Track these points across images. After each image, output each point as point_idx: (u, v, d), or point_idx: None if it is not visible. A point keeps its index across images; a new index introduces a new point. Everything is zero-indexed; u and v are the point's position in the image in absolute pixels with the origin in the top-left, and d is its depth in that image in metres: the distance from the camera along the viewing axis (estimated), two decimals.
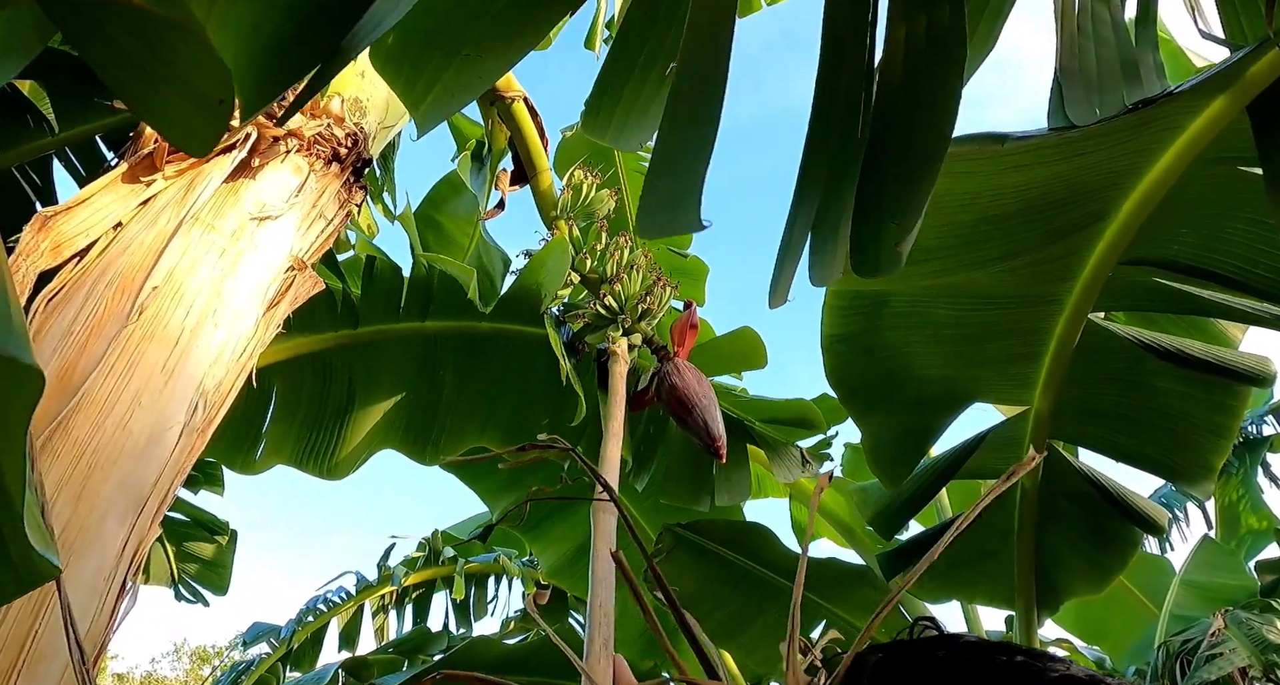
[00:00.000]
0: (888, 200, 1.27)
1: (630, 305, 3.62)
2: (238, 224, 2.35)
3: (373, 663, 6.35)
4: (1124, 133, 2.00)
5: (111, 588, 1.81)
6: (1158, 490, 6.93)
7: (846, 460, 5.50)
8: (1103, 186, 2.27)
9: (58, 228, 2.13)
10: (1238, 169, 2.25)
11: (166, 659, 24.73)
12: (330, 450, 3.70)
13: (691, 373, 3.54)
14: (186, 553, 5.86)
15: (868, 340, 2.99)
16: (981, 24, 1.54)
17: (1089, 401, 3.14)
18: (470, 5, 1.28)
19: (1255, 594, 5.49)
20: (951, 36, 1.25)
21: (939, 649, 0.64)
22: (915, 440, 3.29)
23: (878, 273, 1.31)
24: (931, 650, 0.64)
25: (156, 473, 1.94)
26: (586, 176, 3.96)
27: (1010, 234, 2.41)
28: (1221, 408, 3.06)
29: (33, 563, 1.05)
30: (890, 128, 1.29)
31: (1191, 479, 3.25)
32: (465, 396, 3.82)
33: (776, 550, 4.29)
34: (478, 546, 7.40)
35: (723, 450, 3.40)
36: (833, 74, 1.30)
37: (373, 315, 3.56)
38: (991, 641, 0.63)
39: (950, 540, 0.90)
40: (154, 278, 2.10)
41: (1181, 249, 2.57)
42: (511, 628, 7.89)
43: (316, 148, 2.61)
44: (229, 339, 2.22)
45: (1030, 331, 2.87)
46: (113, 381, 1.92)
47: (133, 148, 2.40)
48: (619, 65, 1.58)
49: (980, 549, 3.59)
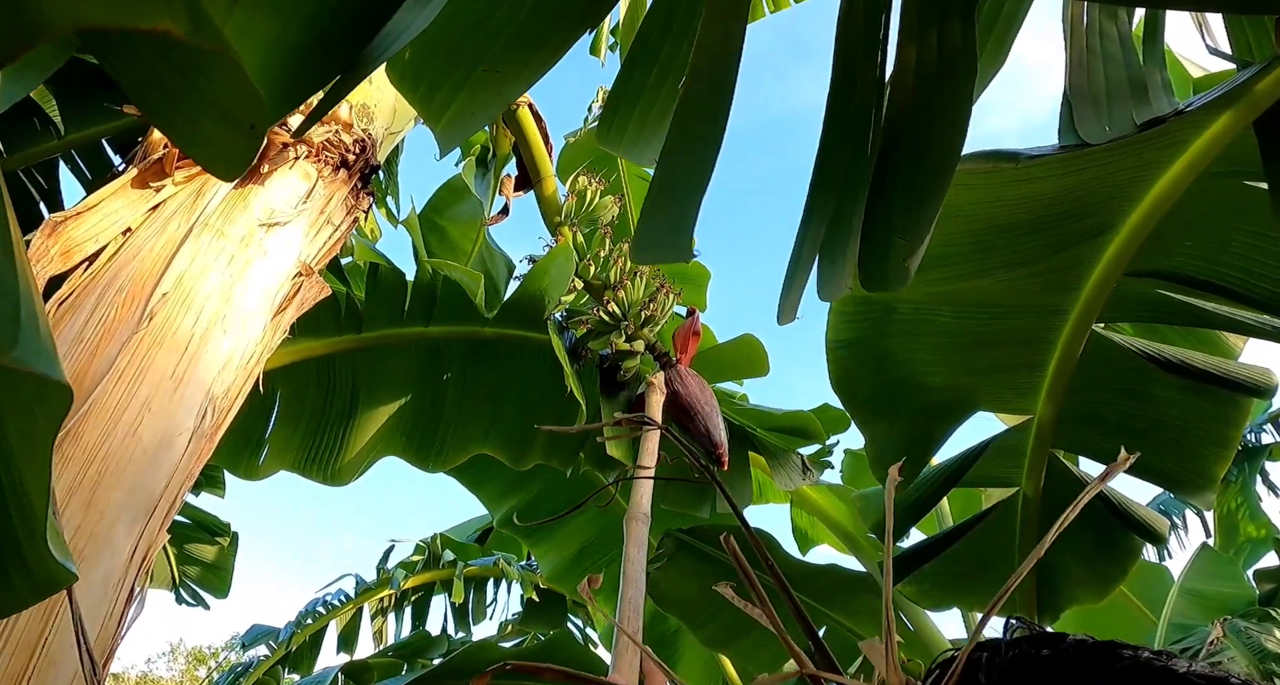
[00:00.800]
0: (897, 217, 1.28)
1: (633, 312, 3.64)
2: (247, 230, 2.36)
3: (373, 666, 6.35)
4: (1130, 147, 2.01)
5: (120, 594, 1.82)
6: (1156, 497, 6.95)
7: (847, 467, 5.51)
8: (1108, 199, 2.28)
9: (68, 233, 2.14)
10: (1242, 183, 2.26)
11: (162, 659, 24.73)
12: (333, 456, 3.70)
13: (694, 380, 3.55)
14: (187, 555, 5.86)
15: (872, 347, 3.00)
16: (991, 41, 1.55)
17: (1091, 411, 3.15)
18: (486, 26, 1.29)
19: (1253, 602, 5.50)
20: (962, 55, 1.26)
21: (1068, 647, 0.64)
22: (918, 448, 3.29)
23: (885, 288, 1.32)
24: (1063, 648, 0.65)
25: (166, 479, 1.95)
26: (590, 183, 3.97)
27: (1016, 244, 2.42)
28: (1223, 419, 3.07)
29: (50, 570, 1.06)
30: (900, 145, 1.30)
31: (1193, 489, 3.26)
32: (468, 402, 3.82)
33: (777, 556, 4.31)
34: (476, 550, 7.40)
35: (725, 457, 3.42)
36: (844, 91, 1.31)
37: (377, 320, 3.57)
38: (1111, 641, 0.63)
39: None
40: (164, 284, 2.11)
41: (1185, 261, 2.58)
42: (509, 631, 7.89)
43: (325, 154, 2.62)
44: (237, 345, 2.23)
45: (1034, 341, 2.88)
46: (123, 388, 1.93)
47: (142, 153, 2.41)
48: (633, 79, 1.59)
49: (982, 558, 3.60)
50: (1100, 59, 1.61)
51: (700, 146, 1.22)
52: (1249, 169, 2.23)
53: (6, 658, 1.63)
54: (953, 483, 3.41)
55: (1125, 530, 3.42)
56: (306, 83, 1.17)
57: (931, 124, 1.28)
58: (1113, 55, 1.63)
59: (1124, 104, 1.62)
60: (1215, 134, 2.04)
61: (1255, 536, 7.14)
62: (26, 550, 1.05)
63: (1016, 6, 1.50)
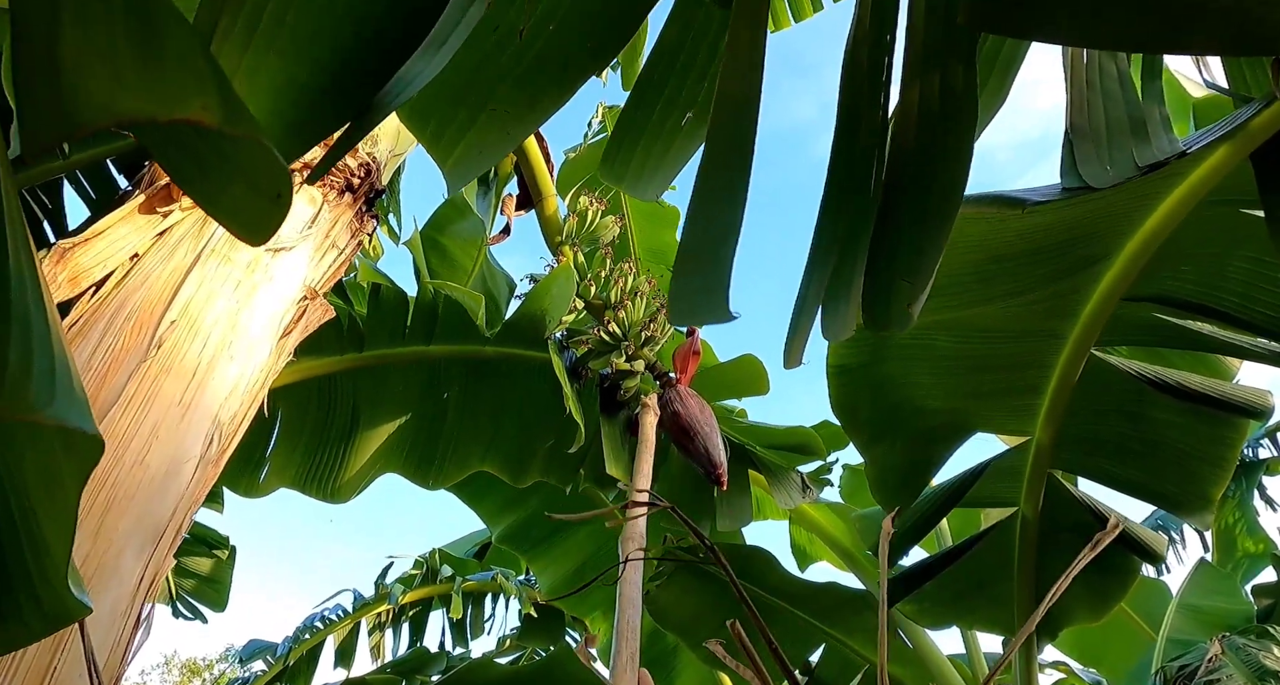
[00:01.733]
0: (900, 259, 1.30)
1: (634, 332, 3.66)
2: (253, 255, 2.38)
3: (371, 683, 6.33)
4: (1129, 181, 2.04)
5: (128, 622, 1.83)
6: (1154, 513, 6.95)
7: (845, 483, 5.53)
8: (1107, 229, 2.30)
9: (75, 259, 2.16)
10: (1240, 211, 2.29)
11: (156, 670, 24.58)
12: (334, 474, 3.71)
13: (694, 400, 3.57)
14: (185, 569, 5.86)
15: (872, 371, 3.02)
16: (992, 79, 1.58)
17: (1090, 433, 3.17)
18: (492, 67, 1.31)
19: (1251, 618, 5.51)
20: (964, 97, 1.28)
21: None
22: (918, 469, 3.31)
23: (888, 329, 1.34)
24: None
25: (173, 506, 1.96)
26: (591, 203, 3.99)
27: (1015, 273, 2.45)
28: (1220, 440, 3.09)
29: (64, 603, 1.07)
30: (903, 187, 1.32)
31: (1191, 510, 3.28)
32: (468, 420, 3.84)
33: (776, 573, 4.32)
34: (475, 565, 7.40)
35: (724, 477, 3.43)
36: (848, 134, 1.33)
37: (378, 339, 3.58)
38: None
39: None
40: (172, 310, 2.12)
41: (1182, 285, 2.61)
42: (507, 646, 7.88)
43: (330, 179, 2.64)
44: (244, 371, 2.24)
45: (1033, 365, 2.91)
46: (131, 415, 1.94)
47: (149, 178, 2.43)
48: (637, 114, 1.61)
49: (981, 577, 3.61)
50: (1100, 96, 1.63)
51: (728, 198, 1.24)
52: (1246, 198, 2.25)
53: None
54: (952, 503, 3.43)
55: (1124, 551, 3.43)
56: (318, 126, 1.19)
57: (934, 166, 1.30)
58: (1112, 92, 1.65)
59: (1124, 143, 1.64)
60: (1212, 166, 2.07)
61: (1253, 551, 7.15)
62: (39, 586, 1.06)
63: (1015, 49, 1.52)
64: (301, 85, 1.13)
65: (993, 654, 6.15)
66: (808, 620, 4.32)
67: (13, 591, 1.08)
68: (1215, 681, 4.71)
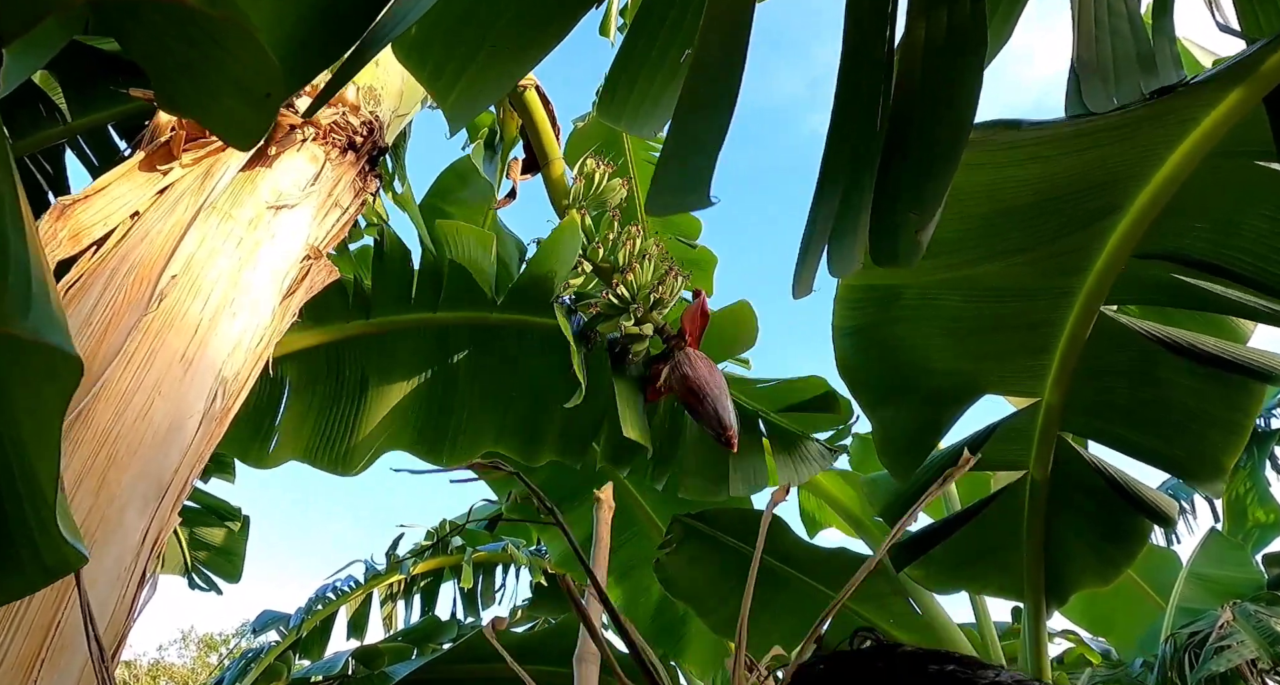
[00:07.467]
0: (908, 190, 1.27)
1: (642, 295, 3.63)
2: (255, 213, 2.36)
3: (383, 651, 6.39)
4: (1139, 125, 1.99)
5: (132, 578, 1.83)
6: (1165, 482, 6.92)
7: (854, 451, 5.51)
8: (1117, 179, 2.26)
9: (76, 216, 2.14)
10: (1254, 163, 2.24)
11: (174, 646, 24.87)
12: (343, 445, 3.70)
13: (703, 362, 3.55)
14: (199, 540, 5.90)
15: (878, 333, 2.99)
16: (998, 13, 1.54)
17: (1100, 395, 3.14)
18: (489, 3, 1.28)
19: (1262, 587, 5.51)
20: (972, 31, 1.25)
21: (879, 659, 0.68)
22: (926, 433, 3.29)
23: (897, 263, 1.31)
24: (871, 660, 0.69)
25: (176, 462, 1.95)
26: (599, 165, 3.95)
27: (1024, 226, 2.40)
28: (1235, 405, 3.04)
29: (61, 552, 1.06)
30: (910, 119, 1.29)
31: (1203, 477, 3.25)
32: (479, 391, 3.81)
33: (787, 539, 4.31)
34: (485, 536, 7.43)
35: (734, 439, 3.41)
36: (853, 67, 1.30)
37: (384, 305, 3.56)
38: (927, 650, 0.66)
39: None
40: (172, 266, 2.11)
41: (1195, 243, 2.56)
42: (519, 616, 7.93)
43: (332, 136, 2.61)
44: (247, 328, 2.23)
45: (1042, 323, 2.87)
46: (133, 370, 1.93)
47: (149, 136, 2.41)
48: (635, 50, 1.58)
49: (989, 541, 3.60)
50: (1108, 33, 1.59)
51: (715, 107, 1.22)
52: (1261, 148, 2.21)
53: (20, 641, 1.63)
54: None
55: (1134, 513, 3.41)
56: (313, 60, 1.17)
57: (942, 98, 1.27)
58: (1120, 29, 1.61)
59: (1132, 77, 1.60)
60: (1225, 112, 2.02)
61: (1264, 521, 7.12)
62: (35, 532, 1.05)
63: None
64: (295, 19, 1.10)
65: (1002, 623, 6.15)
66: (816, 588, 4.31)
67: (11, 539, 1.07)
68: (1227, 647, 4.71)
